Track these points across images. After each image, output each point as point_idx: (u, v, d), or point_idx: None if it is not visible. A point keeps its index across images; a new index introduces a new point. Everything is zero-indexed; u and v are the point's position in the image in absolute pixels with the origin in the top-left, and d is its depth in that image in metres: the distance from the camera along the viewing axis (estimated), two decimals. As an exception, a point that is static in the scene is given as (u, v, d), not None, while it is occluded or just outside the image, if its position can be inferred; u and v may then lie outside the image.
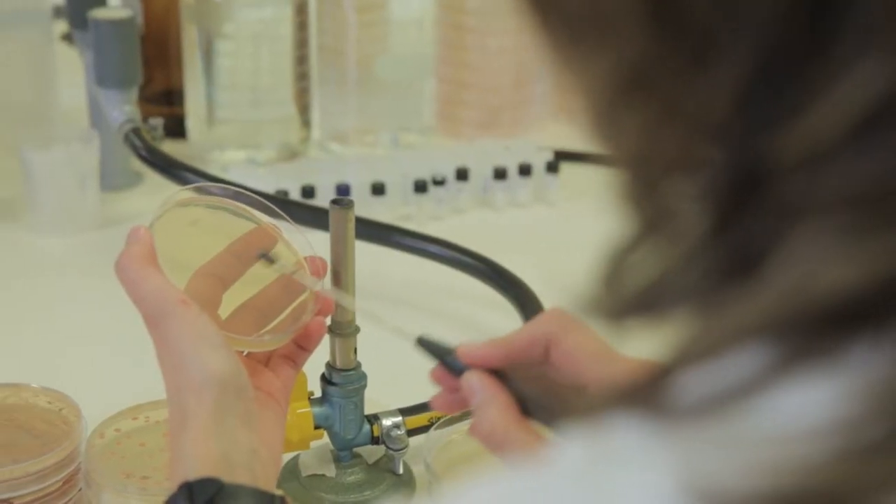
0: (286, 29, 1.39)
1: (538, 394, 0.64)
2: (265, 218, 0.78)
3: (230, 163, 1.37)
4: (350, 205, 0.81)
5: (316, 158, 1.44)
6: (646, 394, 0.31)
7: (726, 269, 0.31)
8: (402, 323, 0.74)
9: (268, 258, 0.74)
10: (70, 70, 1.51)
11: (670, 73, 0.31)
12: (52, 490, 0.82)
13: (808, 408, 0.29)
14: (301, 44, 1.40)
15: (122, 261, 0.71)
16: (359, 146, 1.45)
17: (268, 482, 0.65)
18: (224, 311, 0.74)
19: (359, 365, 0.85)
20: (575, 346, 0.64)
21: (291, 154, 1.42)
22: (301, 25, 1.40)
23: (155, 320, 0.68)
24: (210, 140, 1.40)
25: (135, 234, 0.72)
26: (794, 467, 0.28)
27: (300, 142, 1.43)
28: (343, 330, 0.83)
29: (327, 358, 0.84)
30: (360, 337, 0.84)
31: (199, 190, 0.78)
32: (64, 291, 1.18)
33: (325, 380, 0.85)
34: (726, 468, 0.29)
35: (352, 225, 0.81)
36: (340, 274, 0.81)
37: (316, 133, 1.47)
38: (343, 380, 0.84)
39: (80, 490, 0.83)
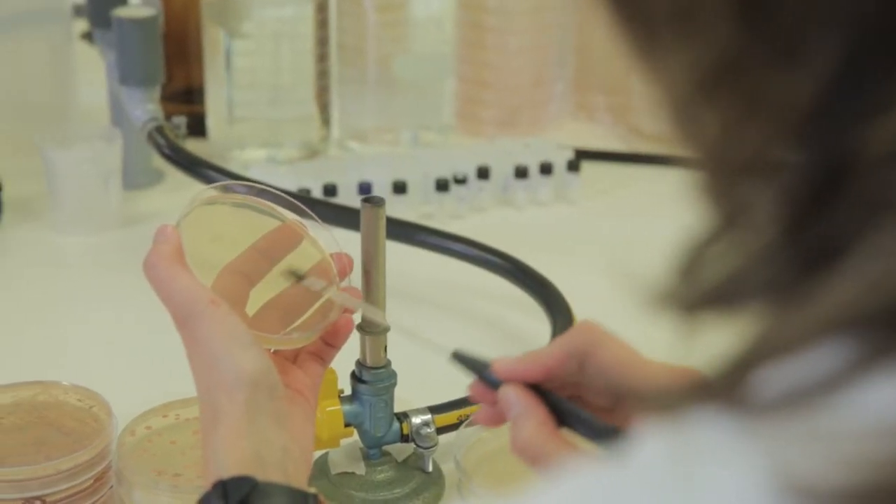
0: (307, 27, 1.39)
1: (575, 406, 0.64)
2: (291, 215, 0.78)
3: (250, 161, 1.37)
4: (381, 203, 0.81)
5: (336, 157, 1.44)
6: (726, 389, 0.31)
7: (806, 263, 0.31)
8: (428, 323, 0.75)
9: (299, 277, 0.74)
10: (89, 69, 1.51)
11: (755, 67, 0.31)
12: (83, 488, 0.82)
13: (893, 403, 0.29)
14: (321, 42, 1.40)
15: (150, 259, 0.71)
16: (378, 145, 1.45)
17: (300, 480, 0.65)
18: (251, 308, 0.74)
19: (389, 363, 0.85)
20: (609, 358, 0.64)
21: (311, 153, 1.42)
22: (321, 24, 1.40)
23: (184, 319, 0.68)
24: (230, 138, 1.40)
25: (162, 233, 0.72)
26: (881, 462, 0.28)
27: (320, 140, 1.44)
28: (373, 328, 0.83)
29: (357, 356, 0.85)
30: (389, 335, 0.84)
31: (225, 188, 0.78)
32: (88, 290, 1.18)
33: (355, 377, 0.85)
34: (813, 463, 0.29)
35: (383, 223, 0.81)
36: (371, 272, 0.81)
37: (335, 132, 1.47)
38: (373, 378, 0.84)
39: (110, 488, 0.84)
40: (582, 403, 0.65)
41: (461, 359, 0.66)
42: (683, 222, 1.26)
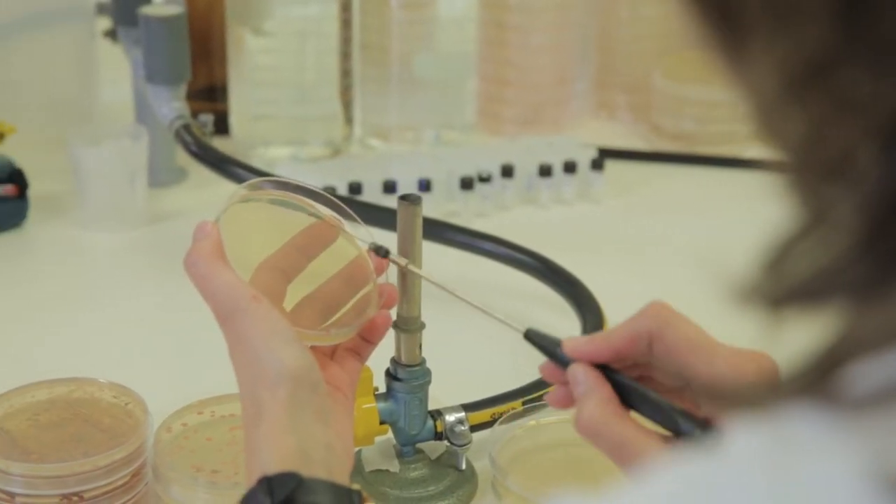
0: (331, 26, 1.39)
1: (642, 386, 0.64)
2: (327, 212, 0.78)
3: (274, 159, 1.37)
4: (418, 201, 0.81)
5: (358, 155, 1.44)
6: (816, 385, 0.31)
7: (891, 263, 0.31)
8: (456, 320, 0.75)
9: (381, 250, 0.74)
10: (111, 67, 1.52)
11: (848, 68, 0.31)
12: (120, 484, 0.82)
13: None
14: (345, 41, 1.40)
15: (191, 257, 0.71)
16: (399, 143, 1.45)
17: (343, 477, 0.65)
18: (288, 304, 0.74)
19: (424, 361, 0.85)
20: (678, 340, 0.64)
21: (335, 151, 1.43)
22: (346, 23, 1.40)
23: (226, 316, 0.68)
24: (254, 137, 1.41)
25: (202, 230, 0.72)
26: None
27: (343, 139, 1.44)
28: (409, 326, 0.83)
29: (392, 353, 0.85)
30: (425, 331, 0.84)
31: (260, 185, 0.78)
32: (116, 288, 1.18)
33: (390, 375, 0.85)
34: None
35: (420, 221, 0.81)
36: (407, 269, 0.81)
37: (357, 130, 1.47)
38: (408, 375, 0.85)
39: (145, 484, 0.84)
40: (651, 384, 0.66)
41: (534, 337, 0.67)
42: (712, 221, 1.27)
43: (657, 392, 0.64)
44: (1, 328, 1.09)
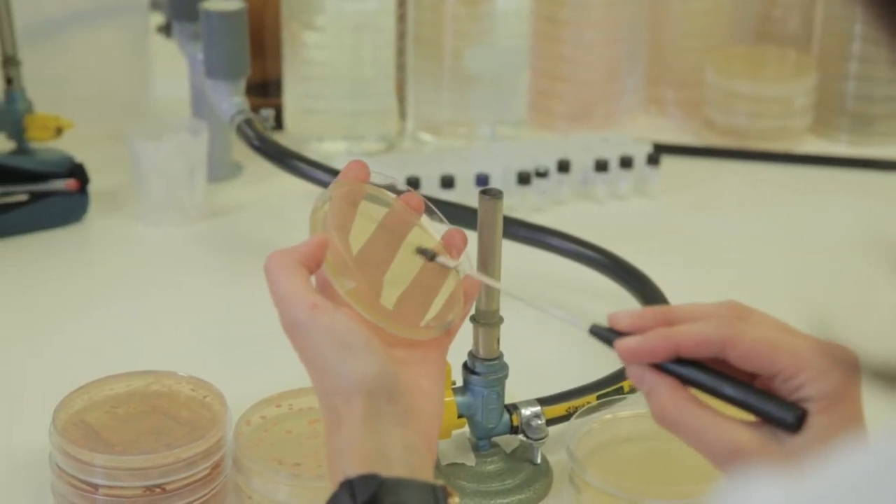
0: (387, 21, 1.39)
1: (720, 374, 0.64)
2: (400, 202, 0.77)
3: (329, 154, 1.37)
4: (500, 195, 0.81)
5: (413, 150, 1.44)
6: None
7: None
8: (520, 314, 0.74)
9: (428, 254, 0.74)
10: (164, 62, 1.52)
11: None
12: (200, 476, 0.82)
13: None
14: (401, 35, 1.41)
15: (265, 264, 0.70)
16: (452, 138, 1.46)
17: (426, 473, 0.65)
18: (385, 299, 0.73)
19: (501, 354, 0.85)
20: (755, 343, 0.64)
21: (389, 145, 1.43)
22: (402, 17, 1.40)
23: (289, 327, 0.67)
24: (307, 131, 1.41)
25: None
26: None
27: (397, 133, 1.44)
28: (488, 319, 0.84)
29: (469, 347, 0.85)
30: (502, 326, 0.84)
31: (340, 183, 0.77)
32: (180, 282, 1.18)
33: (468, 369, 0.85)
34: None
35: (501, 215, 0.81)
36: (488, 263, 0.81)
37: (408, 124, 1.48)
38: (486, 369, 0.85)
39: (225, 476, 0.84)
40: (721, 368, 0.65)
41: (598, 332, 0.67)
42: (767, 216, 1.26)
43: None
44: (68, 321, 1.10)
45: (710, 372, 0.65)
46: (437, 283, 0.75)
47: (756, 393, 0.64)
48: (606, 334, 0.67)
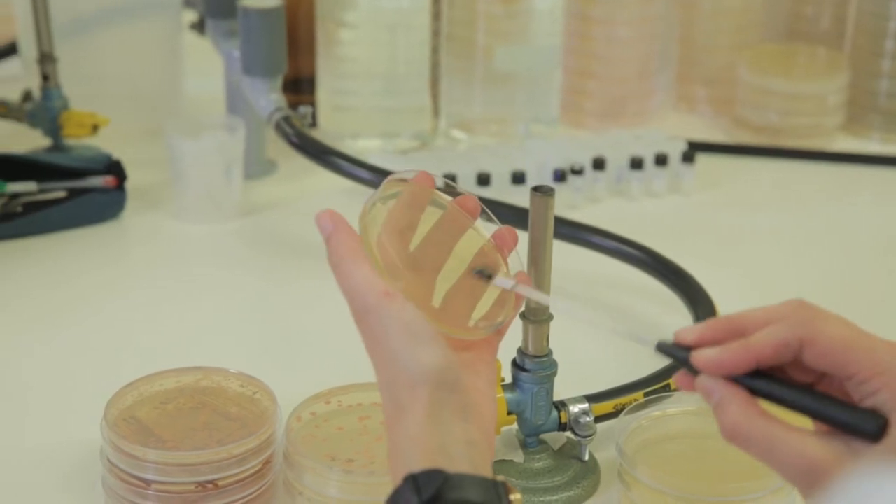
0: (421, 18, 1.39)
1: (795, 385, 0.63)
2: (451, 204, 0.77)
3: (363, 151, 1.38)
4: (551, 192, 0.81)
5: (447, 147, 1.44)
6: None
7: None
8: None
9: (485, 274, 0.73)
10: (197, 59, 1.52)
11: None
12: (252, 472, 0.83)
13: None
14: (435, 33, 1.41)
15: (333, 255, 0.70)
16: (484, 135, 1.46)
17: (486, 469, 0.65)
18: (436, 299, 0.73)
19: (550, 352, 0.85)
20: (832, 341, 0.61)
21: (423, 142, 1.43)
22: (436, 15, 1.40)
23: (359, 314, 0.68)
24: (341, 128, 1.41)
25: (338, 227, 0.72)
26: None
27: (430, 130, 1.44)
28: (537, 317, 0.84)
29: (518, 344, 0.85)
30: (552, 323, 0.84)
31: (401, 181, 0.77)
32: (219, 278, 1.18)
33: (517, 366, 0.86)
34: None
35: (552, 212, 0.81)
36: (538, 260, 0.82)
37: (441, 122, 1.48)
38: (535, 366, 0.85)
39: (275, 473, 0.84)
40: (782, 375, 0.63)
41: (665, 349, 0.65)
42: (801, 214, 1.26)
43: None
44: (107, 318, 1.10)
45: (782, 383, 0.63)
46: (483, 284, 0.74)
47: (834, 402, 0.62)
48: (674, 351, 0.65)
